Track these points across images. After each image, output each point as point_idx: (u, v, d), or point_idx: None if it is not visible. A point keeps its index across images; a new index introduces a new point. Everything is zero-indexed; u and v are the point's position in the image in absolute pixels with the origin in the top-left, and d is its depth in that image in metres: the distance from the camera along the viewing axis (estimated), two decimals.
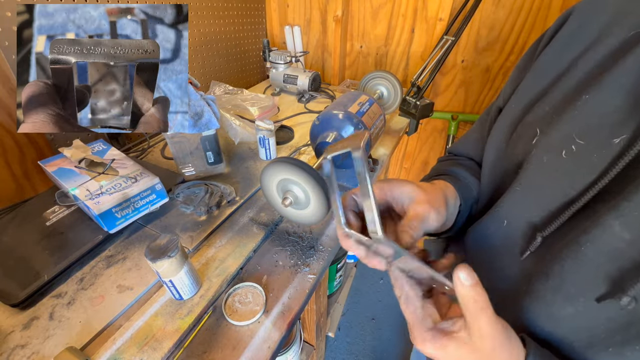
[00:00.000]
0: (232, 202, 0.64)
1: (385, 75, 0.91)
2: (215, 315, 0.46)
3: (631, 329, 0.24)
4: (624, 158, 0.25)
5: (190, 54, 0.99)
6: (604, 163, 0.27)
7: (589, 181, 0.28)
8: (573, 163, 0.29)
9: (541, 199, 0.32)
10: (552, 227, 0.30)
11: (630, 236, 0.24)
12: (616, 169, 0.26)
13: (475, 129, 0.50)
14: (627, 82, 0.27)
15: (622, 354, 0.25)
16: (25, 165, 0.66)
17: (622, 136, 0.26)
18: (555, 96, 0.33)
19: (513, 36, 1.01)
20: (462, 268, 0.24)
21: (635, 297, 0.23)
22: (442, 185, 0.41)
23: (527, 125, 0.35)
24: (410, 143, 1.41)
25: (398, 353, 1.31)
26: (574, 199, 0.29)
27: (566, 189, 0.29)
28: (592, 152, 0.28)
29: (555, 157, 0.30)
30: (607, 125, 0.27)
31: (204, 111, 0.57)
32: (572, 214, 0.28)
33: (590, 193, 0.27)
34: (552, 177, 0.31)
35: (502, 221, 0.36)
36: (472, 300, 0.24)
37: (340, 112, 0.57)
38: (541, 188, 0.32)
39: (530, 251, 0.32)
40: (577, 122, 0.29)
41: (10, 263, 0.49)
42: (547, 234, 0.30)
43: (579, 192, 0.28)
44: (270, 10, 1.31)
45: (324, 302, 0.91)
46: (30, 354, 0.40)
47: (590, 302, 0.26)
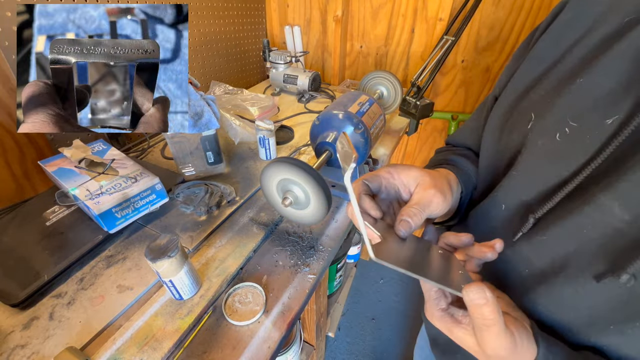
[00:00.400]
0: (232, 202, 0.64)
1: (385, 75, 0.91)
2: (215, 315, 0.46)
3: (630, 306, 0.25)
4: (617, 138, 0.25)
5: (190, 54, 0.99)
6: (597, 144, 0.27)
7: (582, 162, 0.28)
8: (567, 145, 0.29)
9: (536, 182, 0.32)
10: (545, 208, 0.30)
11: (630, 217, 0.24)
12: (609, 149, 0.26)
13: (473, 119, 0.50)
14: (620, 65, 0.27)
15: (623, 331, 0.25)
16: (25, 165, 0.66)
17: (614, 117, 0.26)
18: (551, 82, 0.33)
19: (513, 36, 1.01)
20: (472, 288, 0.24)
21: (634, 274, 0.24)
22: (445, 172, 0.41)
23: (522, 111, 0.35)
24: (410, 143, 1.41)
25: (398, 353, 1.31)
26: (567, 180, 0.29)
27: (560, 171, 0.30)
28: (585, 134, 0.28)
29: (550, 140, 0.31)
30: (601, 107, 0.28)
31: (204, 111, 0.57)
32: (565, 195, 0.29)
33: (583, 174, 0.28)
34: (546, 159, 0.31)
35: (500, 205, 0.36)
36: (480, 318, 0.24)
37: (340, 112, 0.57)
38: (536, 171, 0.32)
39: (522, 232, 0.32)
40: (571, 106, 0.30)
41: (10, 263, 0.49)
42: (539, 215, 0.31)
43: (572, 173, 0.29)
44: (270, 10, 1.31)
45: (324, 302, 0.91)
46: (30, 354, 0.40)
47: (589, 281, 0.27)
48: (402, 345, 1.33)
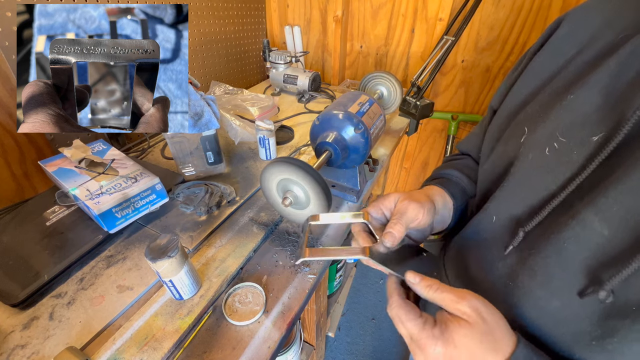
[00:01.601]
0: (232, 202, 0.64)
1: (385, 75, 0.91)
2: (215, 315, 0.46)
3: (609, 322, 0.25)
4: (600, 155, 0.26)
5: (190, 54, 0.99)
6: (582, 160, 0.28)
7: (567, 177, 0.29)
8: (555, 160, 0.30)
9: (525, 195, 0.33)
10: (534, 222, 0.31)
11: (609, 232, 0.25)
12: (592, 165, 0.27)
13: (477, 128, 0.52)
14: (608, 82, 0.28)
15: (604, 347, 0.26)
16: (25, 165, 0.66)
17: (600, 134, 0.27)
18: (546, 96, 0.34)
19: (513, 36, 1.01)
20: (409, 272, 0.30)
21: (612, 290, 0.24)
22: (426, 189, 0.45)
23: (518, 124, 0.36)
24: (410, 143, 1.41)
25: (398, 353, 1.31)
26: (554, 194, 0.30)
27: (548, 185, 0.30)
28: (572, 150, 0.29)
29: (540, 155, 0.31)
30: (589, 123, 0.28)
31: (204, 111, 0.57)
32: (552, 209, 0.30)
33: (569, 189, 0.28)
34: (535, 173, 0.32)
35: (491, 217, 0.37)
36: (430, 297, 0.28)
37: (340, 112, 0.57)
38: (526, 184, 0.33)
39: (513, 246, 0.33)
40: (561, 121, 0.30)
41: (10, 263, 0.49)
42: (529, 229, 0.31)
43: (559, 187, 0.29)
44: (270, 10, 1.31)
45: (324, 302, 0.91)
46: (30, 354, 0.40)
47: (573, 296, 0.27)
48: (402, 345, 1.33)
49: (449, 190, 0.45)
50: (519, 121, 0.36)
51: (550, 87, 0.34)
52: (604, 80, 0.28)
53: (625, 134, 0.25)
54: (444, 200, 0.44)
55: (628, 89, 0.26)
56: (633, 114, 0.24)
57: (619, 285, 0.24)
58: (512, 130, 0.37)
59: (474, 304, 0.26)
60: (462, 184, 0.47)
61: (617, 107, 0.27)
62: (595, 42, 0.31)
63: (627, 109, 0.25)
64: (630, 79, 0.26)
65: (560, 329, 0.29)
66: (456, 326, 0.26)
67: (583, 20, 0.34)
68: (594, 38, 0.31)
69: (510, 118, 0.38)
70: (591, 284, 0.26)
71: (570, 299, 0.27)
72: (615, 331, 0.25)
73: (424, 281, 0.29)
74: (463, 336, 0.26)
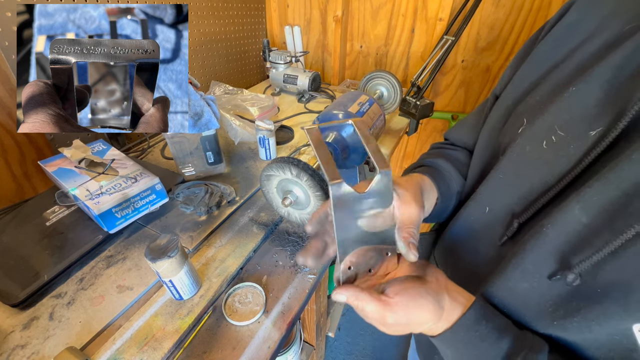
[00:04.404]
0: (232, 202, 0.64)
1: (385, 75, 0.91)
2: (215, 315, 0.46)
3: (572, 302, 0.26)
4: (595, 149, 0.27)
5: (190, 54, 0.99)
6: (579, 154, 0.28)
7: (564, 171, 0.29)
8: (552, 153, 0.30)
9: (522, 187, 0.33)
10: (528, 213, 0.31)
11: (587, 220, 0.25)
12: (588, 159, 0.27)
13: (473, 116, 0.50)
14: (610, 76, 0.27)
15: (564, 326, 0.27)
16: (25, 165, 0.66)
17: (598, 129, 0.27)
18: (547, 87, 0.34)
19: (513, 36, 1.01)
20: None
21: (580, 273, 0.25)
22: (419, 179, 0.41)
23: (517, 115, 0.36)
24: (410, 143, 1.41)
25: (398, 353, 1.31)
26: (550, 187, 0.30)
27: (545, 178, 0.31)
28: (569, 143, 0.29)
29: (537, 147, 0.31)
30: (587, 117, 0.28)
31: (204, 111, 0.57)
32: (546, 201, 0.30)
33: (564, 182, 0.29)
34: (532, 166, 0.32)
35: (484, 208, 0.37)
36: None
37: (340, 112, 0.57)
38: (522, 176, 0.33)
39: (507, 236, 0.33)
40: (561, 114, 0.30)
41: (10, 263, 0.49)
42: (523, 220, 0.32)
43: (555, 180, 0.30)
44: (270, 10, 1.31)
45: (324, 302, 0.91)
46: (30, 354, 0.40)
47: (543, 278, 0.28)
48: (401, 346, 1.33)
49: (440, 190, 0.43)
50: (518, 112, 0.36)
51: (553, 78, 0.33)
52: (607, 74, 0.28)
53: (622, 128, 0.25)
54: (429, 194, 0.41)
55: (630, 83, 0.26)
56: (631, 109, 0.25)
57: (587, 270, 0.25)
58: (512, 121, 0.37)
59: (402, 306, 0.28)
60: (453, 182, 0.45)
61: (617, 101, 0.26)
62: (602, 32, 0.30)
63: (626, 104, 0.25)
64: (632, 73, 0.26)
65: (526, 308, 0.30)
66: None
67: (593, 7, 0.33)
68: (601, 27, 0.31)
69: (510, 108, 0.38)
70: (561, 268, 0.27)
71: (540, 281, 0.28)
72: (577, 311, 0.26)
73: (350, 297, 0.28)
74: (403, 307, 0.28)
